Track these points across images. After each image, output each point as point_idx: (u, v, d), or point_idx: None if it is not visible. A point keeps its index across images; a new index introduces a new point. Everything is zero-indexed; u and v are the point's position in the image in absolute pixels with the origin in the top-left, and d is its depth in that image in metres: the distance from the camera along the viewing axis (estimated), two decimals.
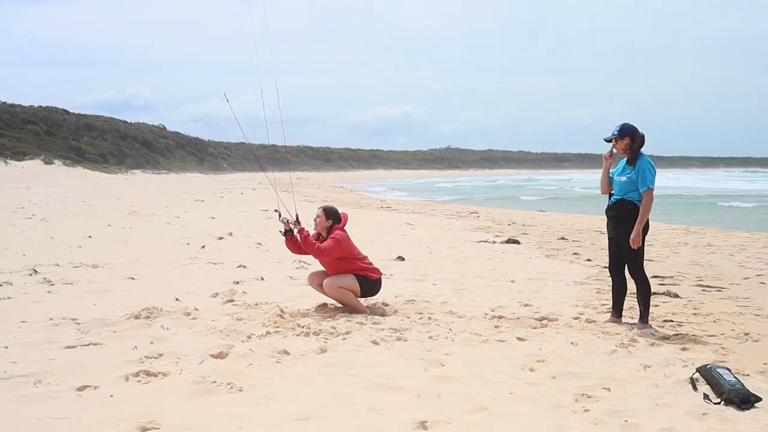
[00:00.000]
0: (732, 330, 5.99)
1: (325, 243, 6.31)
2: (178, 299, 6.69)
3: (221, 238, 12.51)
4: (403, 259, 10.10)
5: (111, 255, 9.91)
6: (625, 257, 6.02)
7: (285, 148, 7.05)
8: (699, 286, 8.32)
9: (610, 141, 6.07)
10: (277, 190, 6.72)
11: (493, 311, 6.51)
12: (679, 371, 4.63)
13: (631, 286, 6.11)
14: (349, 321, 5.83)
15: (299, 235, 6.38)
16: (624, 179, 5.99)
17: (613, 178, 6.12)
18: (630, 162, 5.99)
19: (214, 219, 16.88)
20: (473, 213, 22.57)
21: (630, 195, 5.95)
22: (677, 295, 7.54)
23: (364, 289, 6.38)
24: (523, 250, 12.01)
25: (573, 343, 5.35)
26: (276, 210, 6.77)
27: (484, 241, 13.15)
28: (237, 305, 6.54)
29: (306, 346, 5.08)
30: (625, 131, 5.99)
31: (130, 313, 5.84)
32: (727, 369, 4.42)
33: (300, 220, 6.45)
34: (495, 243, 12.90)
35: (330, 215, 6.48)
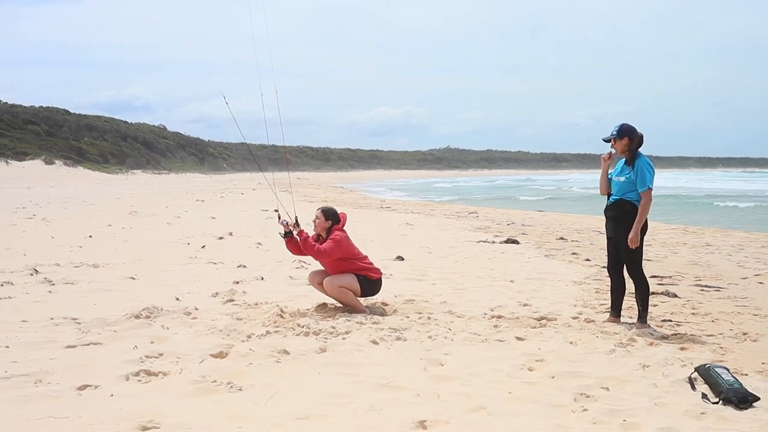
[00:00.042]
0: (730, 330, 6.01)
1: (325, 244, 6.31)
2: (178, 299, 6.70)
3: (221, 238, 12.54)
4: (403, 259, 10.11)
5: (111, 255, 9.93)
6: (624, 257, 6.04)
7: (284, 148, 7.06)
8: (697, 285, 8.33)
9: (608, 141, 6.08)
10: (276, 191, 6.73)
11: (492, 311, 6.52)
12: (678, 371, 4.64)
13: (630, 286, 6.12)
14: (349, 320, 5.84)
15: (298, 238, 6.39)
16: (622, 179, 5.99)
17: (612, 178, 6.13)
18: (628, 162, 6.00)
19: (214, 219, 16.90)
20: (472, 213, 22.58)
21: (629, 195, 5.96)
22: (676, 295, 7.55)
23: (364, 289, 6.39)
24: (522, 250, 12.02)
25: (572, 343, 5.36)
26: (276, 210, 6.78)
27: (483, 241, 13.16)
28: (237, 305, 6.56)
29: (306, 345, 5.09)
30: (624, 131, 5.99)
31: (130, 313, 5.85)
32: (726, 368, 4.44)
33: (299, 222, 6.45)
34: (494, 243, 12.91)
35: (329, 216, 6.48)
